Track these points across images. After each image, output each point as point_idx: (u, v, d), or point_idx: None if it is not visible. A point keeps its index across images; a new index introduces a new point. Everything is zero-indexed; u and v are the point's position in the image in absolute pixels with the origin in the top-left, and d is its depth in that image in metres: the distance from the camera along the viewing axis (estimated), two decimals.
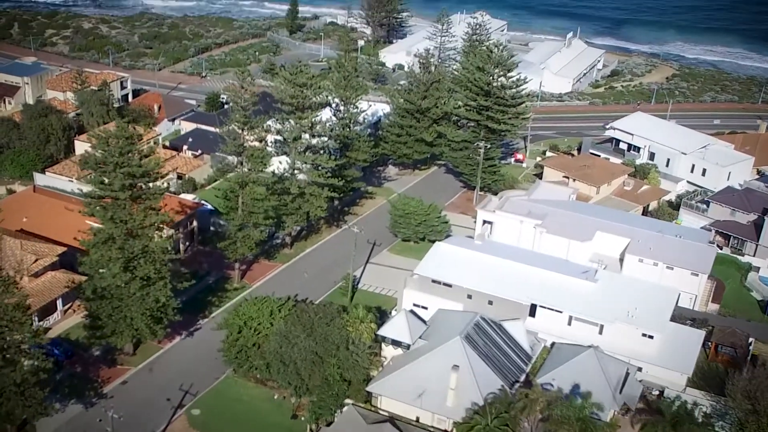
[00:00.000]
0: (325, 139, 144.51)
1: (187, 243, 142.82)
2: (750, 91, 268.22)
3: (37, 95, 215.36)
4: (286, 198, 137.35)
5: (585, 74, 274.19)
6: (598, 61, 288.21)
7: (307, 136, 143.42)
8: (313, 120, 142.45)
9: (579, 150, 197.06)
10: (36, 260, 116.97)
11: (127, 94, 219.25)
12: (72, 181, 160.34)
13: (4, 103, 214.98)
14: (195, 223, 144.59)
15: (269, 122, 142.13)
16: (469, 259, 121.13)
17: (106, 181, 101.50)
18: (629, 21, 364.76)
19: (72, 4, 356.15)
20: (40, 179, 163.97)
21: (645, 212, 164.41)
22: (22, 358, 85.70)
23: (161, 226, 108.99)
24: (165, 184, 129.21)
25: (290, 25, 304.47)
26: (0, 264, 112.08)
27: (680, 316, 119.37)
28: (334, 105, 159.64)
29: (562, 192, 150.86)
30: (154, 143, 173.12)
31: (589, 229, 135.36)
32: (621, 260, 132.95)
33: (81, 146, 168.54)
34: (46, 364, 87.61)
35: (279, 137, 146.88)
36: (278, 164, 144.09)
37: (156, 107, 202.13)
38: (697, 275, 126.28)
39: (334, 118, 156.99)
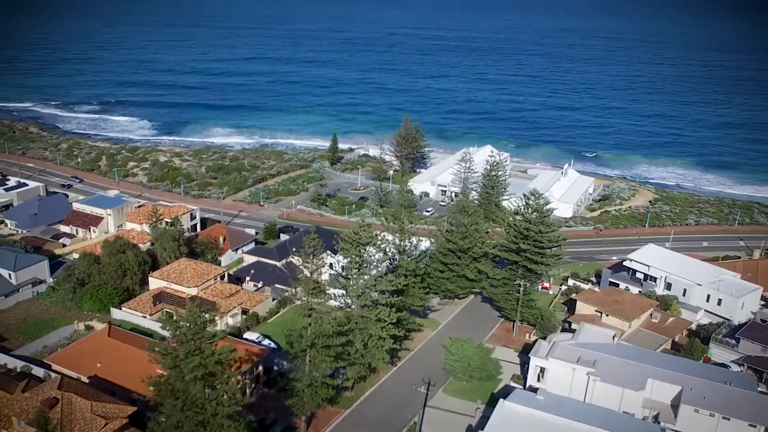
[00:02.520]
0: (387, 294, 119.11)
1: (253, 386, 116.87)
2: (722, 212, 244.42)
3: (117, 225, 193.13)
4: (349, 349, 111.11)
5: (582, 200, 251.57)
6: (590, 187, 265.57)
7: (373, 294, 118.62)
8: (376, 278, 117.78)
9: (597, 277, 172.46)
10: (106, 424, 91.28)
11: (195, 224, 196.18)
12: (145, 317, 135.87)
13: (89, 231, 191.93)
14: (260, 367, 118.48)
15: (326, 257, 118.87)
16: (535, 421, 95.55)
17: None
18: (601, 147, 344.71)
19: (152, 137, 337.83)
20: (117, 314, 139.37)
21: (674, 345, 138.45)
22: None
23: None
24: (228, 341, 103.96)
25: (331, 158, 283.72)
26: (70, 427, 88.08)
27: None
28: (390, 254, 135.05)
29: (606, 335, 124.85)
30: (220, 278, 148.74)
31: (640, 376, 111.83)
32: (673, 406, 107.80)
33: (154, 282, 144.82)
34: None
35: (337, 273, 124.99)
36: (339, 312, 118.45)
37: (221, 239, 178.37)
38: (755, 426, 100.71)
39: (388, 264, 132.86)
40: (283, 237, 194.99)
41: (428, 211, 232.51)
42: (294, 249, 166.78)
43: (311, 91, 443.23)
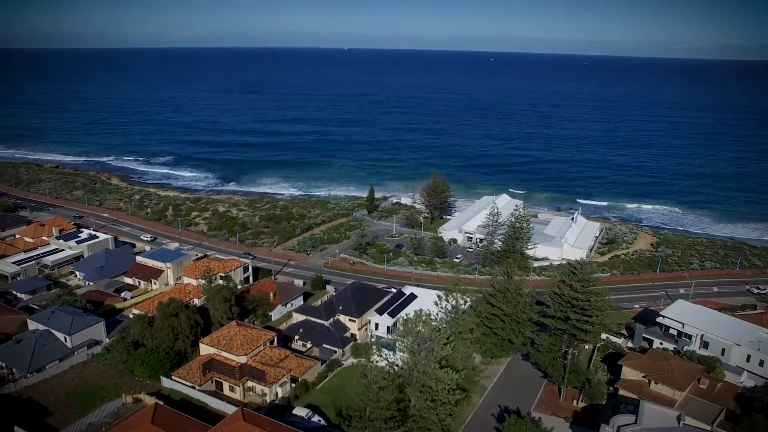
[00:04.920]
0: (441, 374, 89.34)
1: None
2: (718, 255, 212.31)
3: (176, 277, 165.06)
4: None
5: (592, 244, 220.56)
6: (597, 231, 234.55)
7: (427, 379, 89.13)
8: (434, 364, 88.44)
9: (628, 330, 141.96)
10: None
11: (248, 276, 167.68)
12: (195, 388, 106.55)
13: (150, 283, 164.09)
14: None
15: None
16: None
17: None
18: (594, 192, 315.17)
19: (214, 186, 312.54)
20: (167, 383, 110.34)
21: (728, 413, 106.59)
22: None
23: None
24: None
25: (368, 207, 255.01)
26: None
27: None
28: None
29: (670, 417, 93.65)
30: (269, 343, 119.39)
31: None
32: None
33: (204, 348, 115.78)
34: None
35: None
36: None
37: (271, 295, 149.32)
38: None
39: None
40: (329, 288, 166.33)
41: (458, 258, 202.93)
42: (341, 307, 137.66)
43: (348, 147, 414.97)
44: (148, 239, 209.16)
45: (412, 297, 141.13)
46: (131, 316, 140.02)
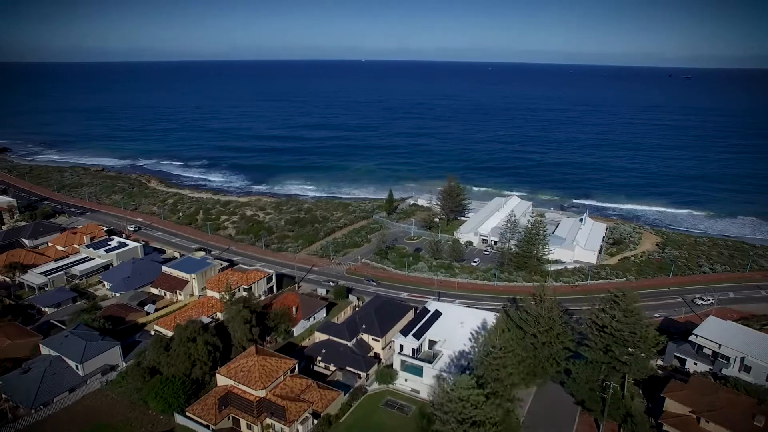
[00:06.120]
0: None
1: None
2: (723, 255, 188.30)
3: (201, 287, 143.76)
4: None
5: (603, 246, 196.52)
6: (603, 232, 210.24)
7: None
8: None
9: (661, 351, 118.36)
10: None
11: (272, 287, 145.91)
12: (209, 428, 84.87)
13: (176, 294, 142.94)
14: None
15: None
16: None
17: None
18: (592, 191, 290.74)
19: (244, 188, 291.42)
20: (180, 420, 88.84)
21: None
22: None
23: None
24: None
25: (387, 208, 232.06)
26: None
27: None
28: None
29: None
30: (290, 372, 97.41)
31: None
32: None
33: (221, 380, 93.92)
34: None
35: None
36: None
37: (294, 309, 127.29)
38: None
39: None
40: (352, 298, 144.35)
41: (475, 262, 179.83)
42: (364, 326, 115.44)
43: (366, 151, 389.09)
44: (133, 228, 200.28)
45: (437, 315, 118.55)
46: (153, 333, 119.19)
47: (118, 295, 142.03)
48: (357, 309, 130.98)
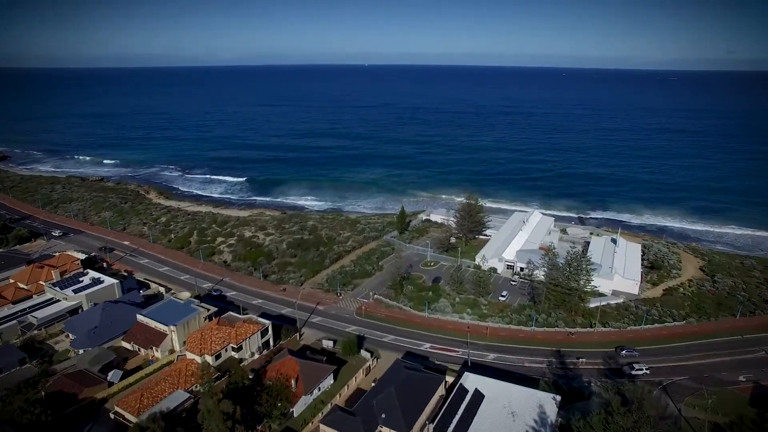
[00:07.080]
0: None
1: None
2: None
3: (182, 341, 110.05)
4: None
5: (643, 273, 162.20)
6: (642, 255, 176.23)
7: None
8: None
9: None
10: None
11: (267, 340, 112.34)
12: None
13: (152, 350, 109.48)
14: None
15: None
16: None
17: None
18: (607, 200, 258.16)
19: (247, 198, 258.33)
20: None
21: None
22: None
23: None
24: None
25: (399, 226, 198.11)
26: None
27: None
28: None
29: None
30: None
31: None
32: None
33: None
34: None
35: None
36: None
37: (293, 381, 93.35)
38: None
39: None
40: (365, 354, 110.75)
41: (503, 296, 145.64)
42: (383, 415, 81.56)
43: (372, 160, 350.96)
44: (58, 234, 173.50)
45: (478, 398, 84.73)
46: (112, 415, 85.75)
47: (80, 352, 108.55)
48: (373, 383, 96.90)
